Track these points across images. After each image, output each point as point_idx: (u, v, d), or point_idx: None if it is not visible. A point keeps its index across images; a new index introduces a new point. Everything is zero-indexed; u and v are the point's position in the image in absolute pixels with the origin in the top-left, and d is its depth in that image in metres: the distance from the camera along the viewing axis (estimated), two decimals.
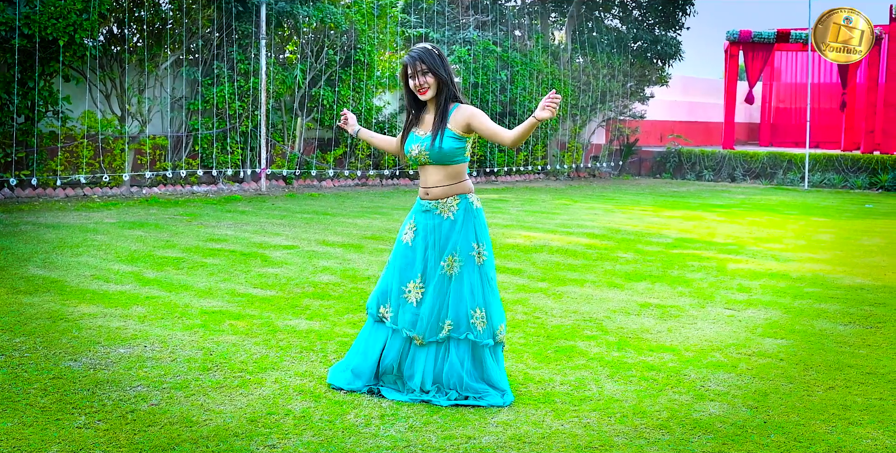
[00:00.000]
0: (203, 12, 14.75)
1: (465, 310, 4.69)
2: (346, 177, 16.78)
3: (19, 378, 4.86)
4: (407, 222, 4.88)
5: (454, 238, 4.72)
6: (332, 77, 16.22)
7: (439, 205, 4.76)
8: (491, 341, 4.73)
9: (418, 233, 4.80)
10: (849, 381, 5.17)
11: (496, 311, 4.78)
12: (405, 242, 4.83)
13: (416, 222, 4.82)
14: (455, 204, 4.75)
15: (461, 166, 4.80)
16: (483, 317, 4.71)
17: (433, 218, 4.77)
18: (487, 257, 4.77)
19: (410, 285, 4.77)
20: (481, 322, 4.71)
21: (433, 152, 4.71)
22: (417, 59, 4.71)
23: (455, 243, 4.71)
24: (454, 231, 4.72)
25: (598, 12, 21.65)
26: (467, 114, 4.71)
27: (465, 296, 4.70)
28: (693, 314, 6.80)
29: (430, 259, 4.74)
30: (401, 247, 4.85)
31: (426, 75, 4.71)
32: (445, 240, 4.73)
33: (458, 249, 4.71)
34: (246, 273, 7.94)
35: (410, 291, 4.76)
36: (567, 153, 20.94)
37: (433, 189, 4.77)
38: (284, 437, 4.11)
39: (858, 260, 9.52)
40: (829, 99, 25.56)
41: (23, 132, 12.86)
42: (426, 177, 4.81)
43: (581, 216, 13.06)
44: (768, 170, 20.83)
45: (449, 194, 4.76)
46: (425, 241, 4.76)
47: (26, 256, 8.38)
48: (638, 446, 4.11)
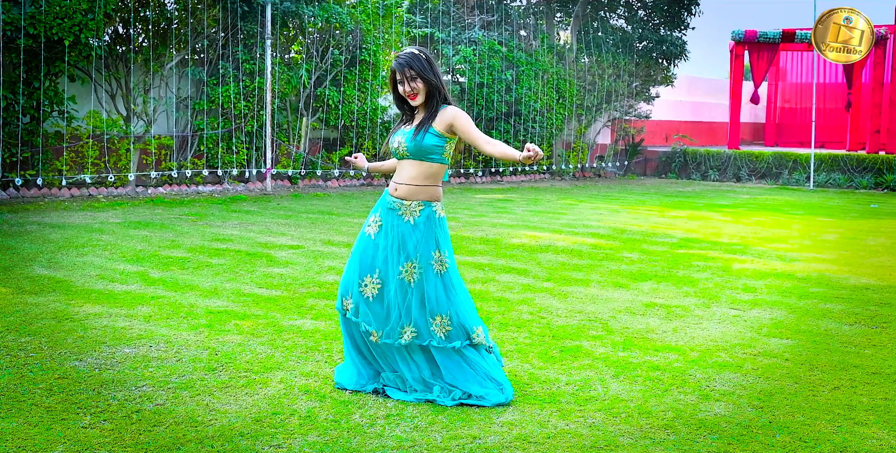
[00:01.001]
0: (208, 12, 14.77)
1: (425, 317, 4.68)
2: (351, 177, 16.78)
3: (24, 378, 4.87)
4: (372, 214, 4.86)
5: (413, 243, 4.69)
6: (337, 77, 16.22)
7: (402, 206, 4.73)
8: (458, 343, 4.70)
9: (382, 228, 4.78)
10: (854, 381, 5.16)
11: (465, 315, 4.74)
12: (368, 234, 4.82)
13: (381, 217, 4.81)
14: (418, 210, 4.72)
15: (438, 168, 4.76)
16: (446, 323, 4.68)
17: (395, 218, 4.74)
18: (450, 265, 4.75)
19: (367, 279, 4.75)
20: (442, 328, 4.68)
21: (411, 145, 4.70)
22: (406, 66, 4.68)
23: (415, 249, 4.69)
24: (414, 237, 4.70)
25: (603, 12, 21.63)
26: (452, 114, 4.69)
27: (425, 304, 4.68)
28: (698, 314, 6.79)
29: (388, 258, 4.72)
30: (363, 239, 4.83)
31: (415, 81, 4.69)
32: (403, 243, 4.70)
33: (419, 257, 4.68)
34: (251, 273, 7.95)
35: (367, 285, 4.75)
36: (572, 153, 20.92)
37: (402, 186, 4.74)
38: (290, 437, 4.11)
39: (864, 260, 9.50)
40: (834, 99, 25.52)
41: (28, 132, 12.88)
42: (401, 171, 4.79)
43: (586, 216, 13.05)
44: (773, 170, 20.80)
45: (416, 196, 4.72)
46: (387, 239, 4.74)
47: (32, 256, 8.40)
48: (643, 446, 4.10)
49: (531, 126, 19.38)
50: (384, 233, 4.76)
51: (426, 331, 4.68)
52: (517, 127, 19.13)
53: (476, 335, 4.75)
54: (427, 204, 4.73)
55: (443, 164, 4.78)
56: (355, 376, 4.83)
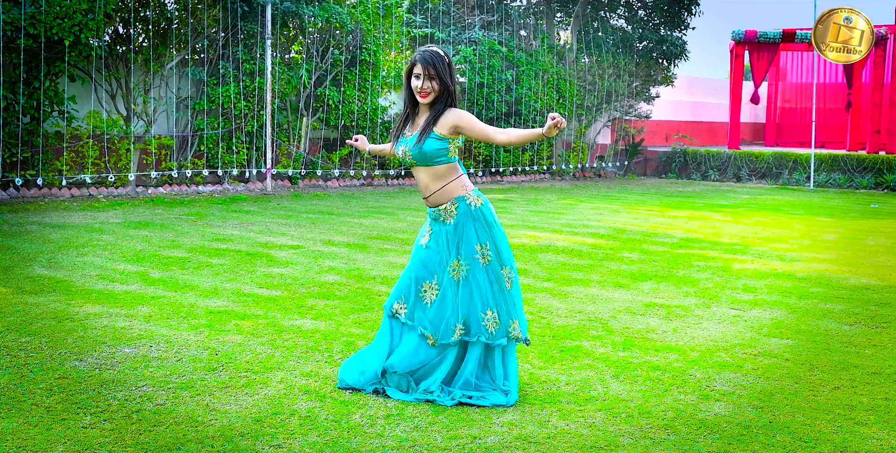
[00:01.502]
0: (208, 12, 14.77)
1: (475, 313, 4.71)
2: (351, 177, 16.78)
3: (25, 378, 4.87)
4: (425, 226, 4.93)
5: (456, 242, 4.74)
6: (337, 77, 16.22)
7: (441, 212, 4.77)
8: (504, 340, 4.74)
9: (433, 236, 4.84)
10: (854, 381, 5.16)
11: (507, 309, 4.77)
12: (421, 245, 4.87)
13: (430, 226, 4.88)
14: (454, 208, 4.75)
15: (448, 166, 4.77)
16: (495, 317, 4.72)
17: (439, 225, 4.81)
18: (492, 257, 4.76)
19: (426, 285, 4.79)
20: (493, 323, 4.71)
21: (415, 153, 4.72)
22: (430, 64, 4.66)
23: (458, 248, 4.74)
24: (456, 236, 4.74)
25: (603, 12, 21.63)
26: (455, 116, 4.68)
27: (474, 299, 4.72)
28: (698, 314, 6.79)
29: (441, 262, 4.77)
30: (418, 250, 4.89)
31: (432, 81, 4.69)
32: (450, 244, 4.76)
33: (462, 254, 4.73)
34: (251, 273, 7.95)
35: (426, 291, 4.79)
36: (572, 153, 20.92)
37: (430, 196, 4.79)
38: (290, 437, 4.11)
39: (864, 260, 9.50)
40: (834, 99, 25.52)
41: (28, 132, 12.88)
42: (419, 180, 4.83)
43: (586, 216, 13.05)
44: (774, 170, 20.80)
45: (445, 198, 4.76)
46: (439, 247, 4.80)
47: (32, 256, 8.40)
48: (643, 446, 4.10)
49: (531, 126, 19.37)
50: (435, 241, 4.81)
51: (476, 326, 4.70)
52: (517, 127, 19.13)
53: (512, 329, 4.77)
54: (459, 199, 4.75)
55: (451, 163, 4.79)
56: (357, 374, 4.83)
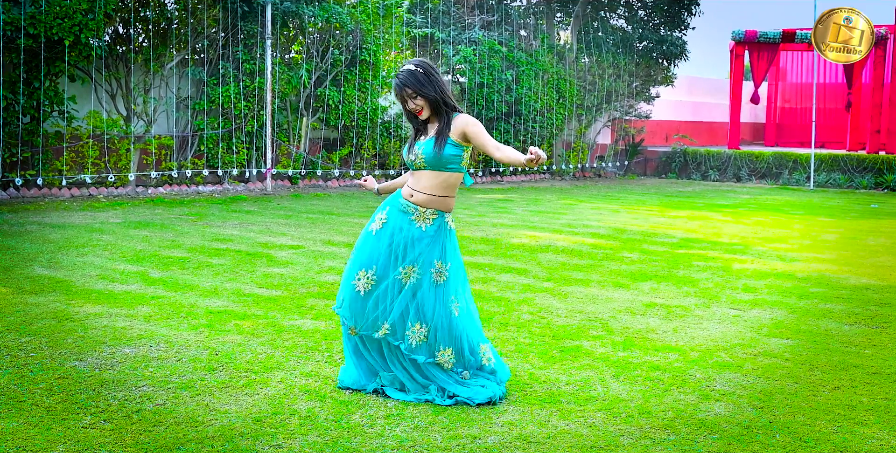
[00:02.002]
0: (208, 12, 14.77)
1: (403, 320, 4.68)
2: (351, 177, 16.78)
3: (25, 378, 4.87)
4: (379, 211, 4.84)
5: (419, 249, 4.68)
6: (337, 77, 16.22)
7: (416, 212, 4.72)
8: (422, 358, 4.68)
9: (387, 226, 4.75)
10: (854, 381, 5.16)
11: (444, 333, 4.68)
12: (370, 231, 4.80)
13: (388, 215, 4.78)
14: (431, 219, 4.73)
15: (455, 178, 4.75)
16: (423, 333, 4.67)
17: (405, 221, 4.73)
18: (448, 279, 4.72)
19: (361, 273, 4.73)
20: (417, 336, 4.67)
21: (429, 156, 4.68)
22: (403, 86, 4.69)
23: (418, 255, 4.68)
24: (422, 243, 4.69)
25: (603, 12, 21.63)
26: (464, 122, 4.69)
27: (410, 307, 4.68)
28: (698, 314, 6.79)
29: (390, 258, 4.70)
30: (366, 235, 4.82)
31: (415, 98, 4.70)
32: (409, 246, 4.69)
33: (419, 262, 4.68)
34: (251, 273, 7.95)
35: (360, 279, 4.73)
36: (572, 153, 20.92)
37: (419, 194, 4.72)
38: (290, 437, 4.12)
39: (864, 260, 9.50)
40: (834, 99, 25.51)
41: (28, 132, 12.88)
42: (419, 179, 4.76)
43: (586, 216, 13.05)
44: (774, 170, 20.80)
45: (430, 205, 4.72)
46: (390, 238, 4.73)
47: (32, 256, 8.40)
48: (643, 446, 4.10)
49: (531, 126, 19.38)
50: (389, 233, 4.74)
51: (401, 333, 4.69)
52: (517, 127, 19.13)
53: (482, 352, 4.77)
54: (441, 214, 4.75)
55: (459, 173, 4.77)
56: (355, 375, 4.84)
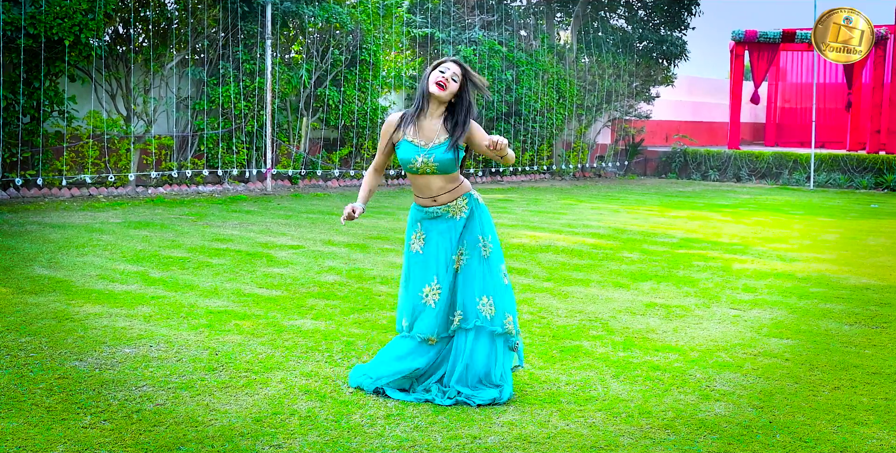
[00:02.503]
0: (208, 12, 14.76)
1: (471, 298, 4.73)
2: (351, 177, 16.78)
3: (25, 378, 4.87)
4: (413, 232, 4.87)
5: (462, 234, 4.79)
6: (337, 77, 16.22)
7: (450, 208, 4.80)
8: (499, 328, 4.73)
9: (429, 239, 4.81)
10: (854, 381, 5.16)
11: (503, 301, 4.78)
12: (414, 251, 4.85)
13: (423, 229, 4.83)
14: (464, 204, 4.81)
15: (456, 170, 4.84)
16: (491, 303, 4.73)
17: (445, 221, 4.80)
18: (492, 250, 4.82)
19: (426, 289, 4.78)
20: (489, 309, 4.73)
21: (442, 163, 4.71)
22: (460, 64, 4.75)
23: (462, 239, 4.79)
24: (464, 229, 4.79)
25: (603, 12, 21.63)
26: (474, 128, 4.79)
27: (471, 284, 4.74)
28: (698, 314, 6.79)
29: (441, 260, 4.77)
30: (411, 256, 4.86)
31: (456, 82, 4.73)
32: (455, 238, 4.79)
33: (465, 244, 4.78)
34: (251, 273, 7.95)
35: (427, 295, 4.78)
36: (572, 153, 20.92)
37: (441, 196, 4.79)
38: (290, 437, 4.11)
39: (864, 260, 9.50)
40: (834, 99, 25.52)
41: (28, 132, 12.87)
42: (428, 185, 4.77)
43: (586, 216, 13.05)
44: (774, 170, 20.80)
45: (455, 196, 4.81)
46: (438, 246, 4.78)
47: (32, 256, 8.40)
48: (643, 446, 4.10)
49: (531, 126, 19.38)
50: (435, 242, 4.79)
51: (473, 311, 4.72)
52: (517, 127, 19.13)
53: (506, 322, 4.78)
54: (468, 195, 4.84)
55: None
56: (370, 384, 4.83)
